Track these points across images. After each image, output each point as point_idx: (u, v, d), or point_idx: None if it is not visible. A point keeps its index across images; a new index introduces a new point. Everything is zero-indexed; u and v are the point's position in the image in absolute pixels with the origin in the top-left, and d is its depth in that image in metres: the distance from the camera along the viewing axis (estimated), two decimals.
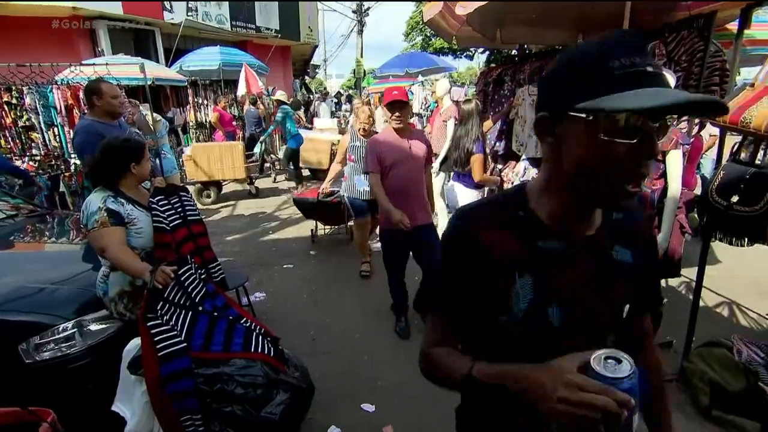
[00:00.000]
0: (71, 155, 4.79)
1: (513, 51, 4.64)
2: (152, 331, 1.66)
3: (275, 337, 2.05)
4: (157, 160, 4.53)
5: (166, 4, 9.68)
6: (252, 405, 1.71)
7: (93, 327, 2.06)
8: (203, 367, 1.71)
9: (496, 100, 4.08)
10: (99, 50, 8.70)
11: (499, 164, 4.11)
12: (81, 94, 4.56)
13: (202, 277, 2.03)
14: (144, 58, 7.57)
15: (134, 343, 1.80)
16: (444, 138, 4.42)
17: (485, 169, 3.40)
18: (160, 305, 1.73)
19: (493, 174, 4.03)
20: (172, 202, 2.17)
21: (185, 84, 8.44)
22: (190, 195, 2.38)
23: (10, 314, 2.00)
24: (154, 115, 4.93)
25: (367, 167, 2.88)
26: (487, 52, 18.30)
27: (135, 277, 1.93)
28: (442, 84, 4.94)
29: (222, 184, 7.09)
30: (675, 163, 2.22)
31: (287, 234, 5.32)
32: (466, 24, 3.62)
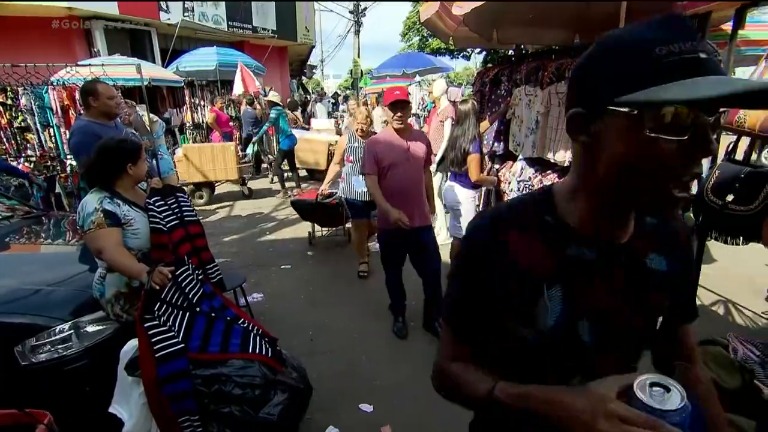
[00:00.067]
0: (67, 156, 4.77)
1: (510, 51, 4.66)
2: (149, 332, 1.66)
3: (273, 338, 2.05)
4: (154, 160, 4.52)
5: (162, 4, 9.65)
6: (250, 406, 1.71)
7: (90, 328, 2.06)
8: (201, 368, 1.71)
9: (493, 100, 4.10)
10: (95, 51, 8.67)
11: (496, 164, 4.13)
12: (77, 95, 4.55)
13: (199, 278, 2.02)
14: (140, 58, 7.56)
15: (131, 345, 1.79)
16: (441, 138, 4.43)
17: (482, 168, 3.40)
18: (157, 306, 1.73)
19: (490, 174, 4.04)
20: (168, 202, 2.17)
21: (182, 85, 8.42)
22: (187, 196, 2.38)
23: (6, 316, 1.99)
24: (151, 115, 4.91)
25: (364, 168, 2.83)
26: (484, 53, 18.38)
27: (132, 278, 1.92)
28: (439, 84, 4.96)
29: (215, 185, 7.05)
30: None
31: (284, 235, 5.31)
32: (463, 24, 3.64)
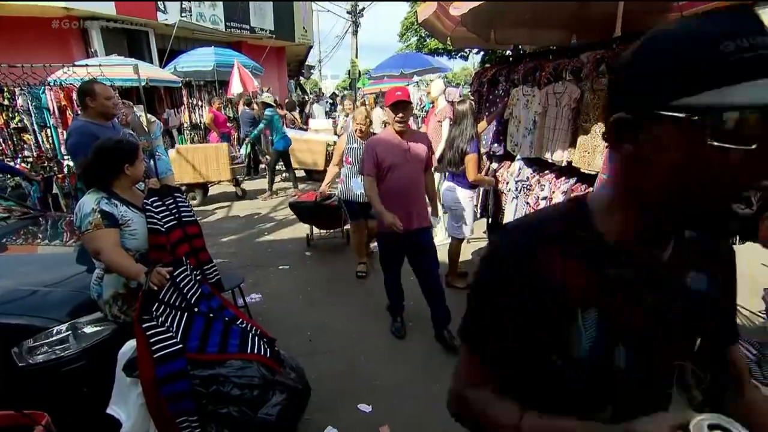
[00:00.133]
0: (64, 157, 4.76)
1: (507, 51, 4.66)
2: (147, 332, 1.65)
3: (271, 338, 2.05)
4: (152, 161, 4.51)
5: (159, 4, 9.63)
6: (248, 406, 1.71)
7: (87, 329, 2.05)
8: (199, 369, 1.71)
9: (491, 101, 4.11)
10: (92, 51, 8.64)
11: (493, 164, 4.14)
12: (74, 96, 4.53)
13: (197, 279, 2.02)
14: (137, 58, 7.53)
15: (129, 345, 1.79)
16: (439, 138, 4.44)
17: (480, 169, 3.41)
18: (155, 307, 1.73)
19: (488, 174, 4.05)
20: (166, 203, 2.16)
21: (179, 85, 8.40)
22: (185, 196, 2.37)
23: (3, 317, 1.98)
24: (149, 116, 4.90)
25: (363, 169, 2.79)
26: (482, 53, 18.42)
27: (130, 279, 1.92)
28: (437, 84, 4.97)
29: (208, 186, 7.00)
30: None
31: (283, 235, 5.31)
32: (461, 25, 3.64)
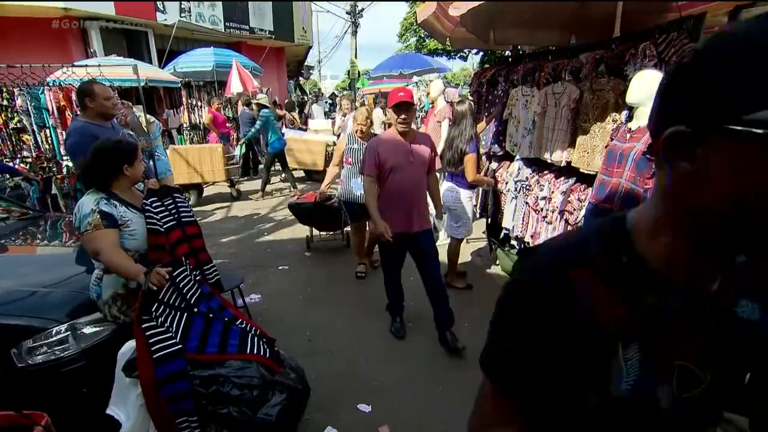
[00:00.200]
0: (63, 157, 4.76)
1: (506, 52, 4.67)
2: (147, 333, 1.65)
3: (271, 339, 2.05)
4: (151, 161, 4.51)
5: (159, 5, 9.63)
6: (248, 406, 1.71)
7: (86, 330, 2.05)
8: (199, 369, 1.71)
9: (490, 101, 4.11)
10: (91, 51, 8.64)
11: (493, 164, 4.14)
12: (73, 96, 4.53)
13: (197, 279, 2.02)
14: (137, 59, 7.53)
15: (129, 346, 1.79)
16: (439, 139, 4.44)
17: (479, 169, 3.41)
18: (154, 307, 1.73)
19: (487, 174, 4.05)
20: (165, 203, 2.16)
21: (179, 85, 8.40)
22: (185, 197, 2.37)
23: (2, 318, 1.98)
24: (148, 116, 4.90)
25: (363, 169, 2.76)
26: (481, 53, 18.44)
27: (129, 279, 1.92)
28: (437, 85, 4.97)
29: (203, 187, 6.97)
30: None
31: (282, 235, 5.31)
32: (460, 25, 3.65)
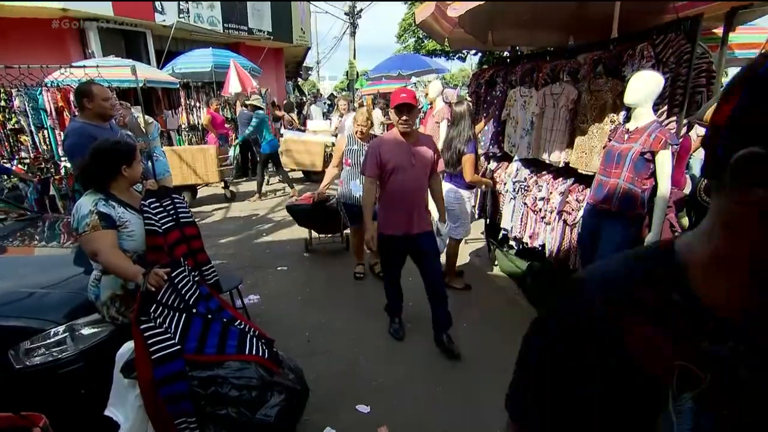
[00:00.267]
0: (61, 158, 4.75)
1: (505, 53, 4.68)
2: (145, 334, 1.65)
3: (270, 339, 2.05)
4: (149, 162, 4.50)
5: (157, 5, 9.61)
6: (247, 407, 1.71)
7: (85, 331, 2.05)
8: (197, 370, 1.70)
9: (489, 102, 4.12)
10: (89, 52, 8.61)
11: (491, 165, 4.15)
12: (71, 97, 4.52)
13: (195, 280, 2.02)
14: (135, 60, 7.52)
15: (127, 347, 1.79)
16: (437, 139, 4.45)
17: (477, 169, 3.42)
18: (153, 308, 1.72)
19: (485, 175, 4.06)
20: (164, 204, 2.16)
21: (177, 86, 8.38)
22: (183, 198, 2.37)
23: (0, 319, 1.97)
24: (146, 117, 4.89)
25: (364, 169, 2.75)
26: (479, 54, 18.44)
27: (127, 280, 1.92)
28: (435, 85, 4.98)
29: (197, 188, 6.93)
30: (665, 162, 2.25)
31: (281, 236, 5.30)
32: (458, 26, 3.66)
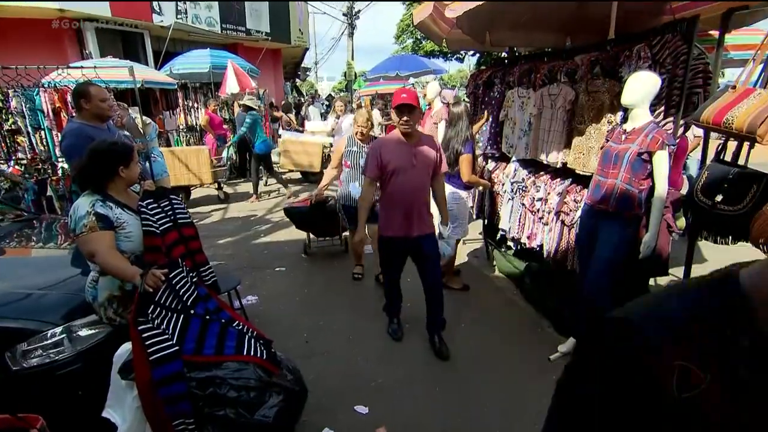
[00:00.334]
0: (58, 159, 4.73)
1: (503, 54, 4.69)
2: (143, 335, 1.65)
3: (268, 340, 2.05)
4: (147, 163, 4.50)
5: (155, 6, 9.59)
6: (245, 408, 1.71)
7: (82, 332, 2.04)
8: (196, 371, 1.70)
9: (486, 102, 4.13)
10: (87, 53, 8.58)
11: (489, 165, 4.15)
12: (68, 97, 4.51)
13: (193, 281, 2.02)
14: (133, 60, 7.52)
15: (125, 348, 1.78)
16: (435, 140, 4.45)
17: (474, 170, 3.42)
18: (151, 309, 1.72)
19: (483, 175, 4.07)
20: (162, 205, 2.15)
21: (175, 87, 8.37)
22: (181, 198, 2.37)
23: None
24: (144, 118, 4.88)
25: (365, 170, 2.75)
26: (477, 55, 18.48)
27: (125, 281, 1.91)
28: (433, 86, 5.00)
29: (190, 190, 6.90)
30: (662, 163, 2.26)
31: (279, 237, 5.30)
32: (456, 27, 3.66)
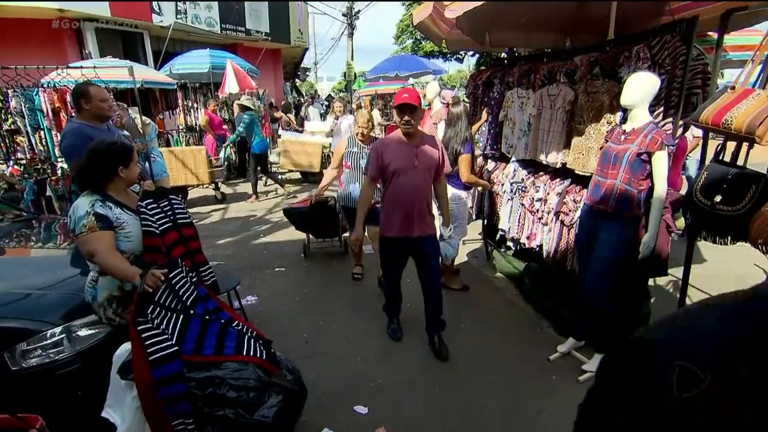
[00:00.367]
0: (58, 159, 4.73)
1: (502, 54, 4.70)
2: (143, 335, 1.64)
3: (267, 340, 2.04)
4: (147, 163, 4.49)
5: (154, 6, 9.59)
6: (244, 408, 1.70)
7: (82, 332, 2.04)
8: (195, 371, 1.70)
9: (486, 103, 4.13)
10: (86, 53, 8.58)
11: (489, 166, 4.16)
12: (68, 97, 4.51)
13: (193, 281, 2.01)
14: (132, 60, 7.51)
15: (124, 348, 1.78)
16: None
17: (473, 170, 3.43)
18: (150, 309, 1.72)
19: (482, 175, 4.07)
20: (161, 205, 2.15)
21: (175, 87, 8.36)
22: (181, 198, 2.36)
23: None
24: (143, 118, 4.87)
25: (367, 169, 2.75)
26: (477, 55, 18.51)
27: (125, 281, 1.91)
28: (433, 87, 5.01)
29: (188, 190, 6.90)
30: (661, 163, 2.27)
31: (279, 237, 5.30)
32: (456, 27, 3.67)
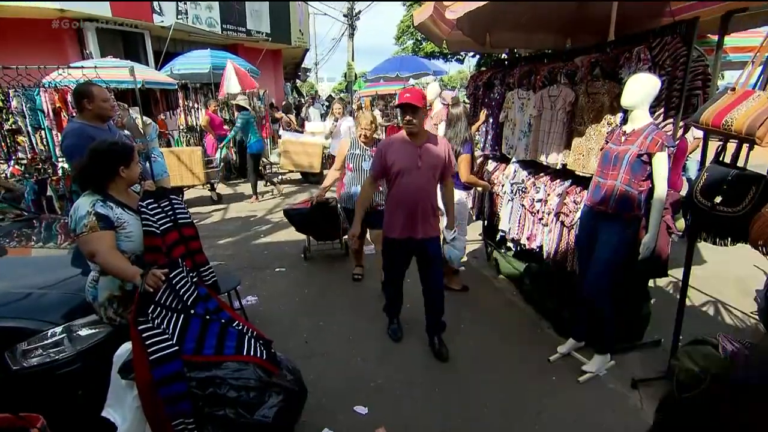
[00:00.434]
0: (59, 159, 4.73)
1: (503, 55, 4.70)
2: (143, 335, 1.65)
3: (268, 340, 2.05)
4: (147, 163, 4.50)
5: (155, 6, 9.61)
6: (245, 408, 1.71)
7: (82, 332, 2.04)
8: (195, 371, 1.70)
9: (486, 104, 4.14)
10: (87, 53, 8.59)
11: (489, 166, 4.16)
12: (69, 97, 4.51)
13: (193, 281, 2.02)
14: (133, 60, 7.51)
15: (125, 348, 1.78)
16: None
17: (472, 170, 3.43)
18: (151, 309, 1.72)
19: (483, 176, 4.07)
20: (162, 205, 2.15)
21: (175, 87, 8.37)
22: (181, 198, 2.37)
23: None
24: (144, 118, 4.88)
25: (370, 168, 2.75)
26: (478, 56, 18.53)
27: (125, 281, 1.91)
28: (433, 87, 5.02)
29: (183, 190, 6.88)
30: (661, 164, 2.27)
31: (279, 237, 5.30)
32: (456, 28, 3.67)
